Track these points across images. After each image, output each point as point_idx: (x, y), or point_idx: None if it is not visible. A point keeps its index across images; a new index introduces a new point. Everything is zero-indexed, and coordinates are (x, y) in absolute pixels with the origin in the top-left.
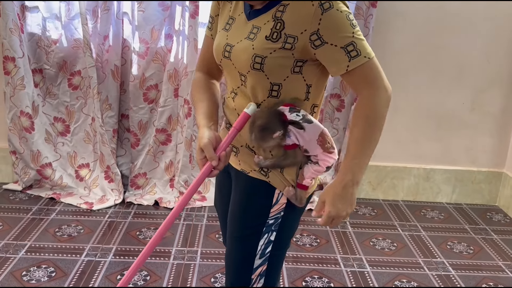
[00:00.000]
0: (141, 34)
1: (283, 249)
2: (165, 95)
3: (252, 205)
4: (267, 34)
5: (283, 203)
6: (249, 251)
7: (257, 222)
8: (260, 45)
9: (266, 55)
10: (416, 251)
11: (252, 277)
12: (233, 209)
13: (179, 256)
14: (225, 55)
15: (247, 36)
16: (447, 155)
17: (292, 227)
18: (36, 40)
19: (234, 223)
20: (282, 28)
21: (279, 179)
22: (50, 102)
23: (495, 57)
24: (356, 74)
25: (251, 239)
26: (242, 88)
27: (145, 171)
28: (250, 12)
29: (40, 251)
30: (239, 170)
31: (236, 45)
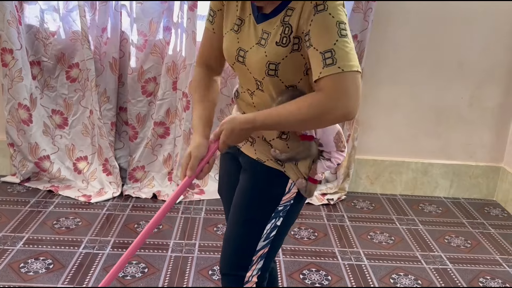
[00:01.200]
0: (140, 27)
1: (283, 235)
2: (163, 88)
3: (266, 192)
4: (277, 40)
5: (294, 192)
6: (255, 233)
7: (268, 207)
8: (272, 51)
9: (279, 61)
10: (414, 245)
11: (253, 258)
12: (243, 193)
13: (177, 249)
14: (238, 60)
15: (258, 41)
16: (445, 150)
17: (296, 216)
18: (34, 32)
19: (243, 206)
20: (290, 32)
21: (294, 171)
22: (48, 94)
23: (494, 52)
24: (326, 83)
25: (258, 222)
26: (258, 91)
27: (143, 164)
28: (258, 15)
29: (38, 243)
30: (255, 159)
31: (249, 51)
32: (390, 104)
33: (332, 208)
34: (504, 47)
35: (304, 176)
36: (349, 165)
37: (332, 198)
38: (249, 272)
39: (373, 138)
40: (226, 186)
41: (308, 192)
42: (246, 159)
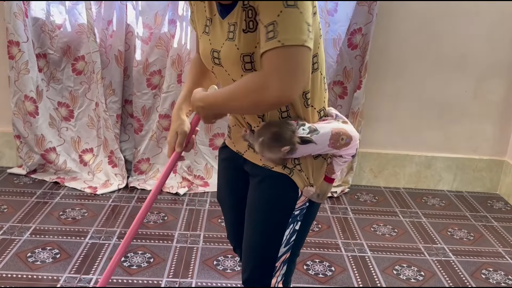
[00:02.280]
0: (145, 20)
1: (304, 236)
2: (168, 81)
3: (279, 198)
4: (244, 27)
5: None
6: (275, 241)
7: (284, 214)
8: (242, 41)
9: (253, 51)
10: (417, 237)
11: (276, 265)
12: (257, 203)
13: (182, 240)
14: (215, 62)
15: (227, 37)
16: (448, 143)
17: (314, 216)
18: (40, 24)
19: (258, 215)
20: (254, 14)
21: (301, 178)
22: (54, 87)
23: (499, 45)
24: (265, 60)
25: (277, 230)
26: None
27: (148, 157)
28: (221, 10)
29: (45, 234)
30: (261, 166)
31: (221, 50)
32: (394, 97)
33: (335, 201)
34: (509, 40)
35: (311, 183)
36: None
37: (336, 191)
38: (274, 279)
39: (376, 131)
40: (228, 196)
41: (321, 195)
42: (252, 166)
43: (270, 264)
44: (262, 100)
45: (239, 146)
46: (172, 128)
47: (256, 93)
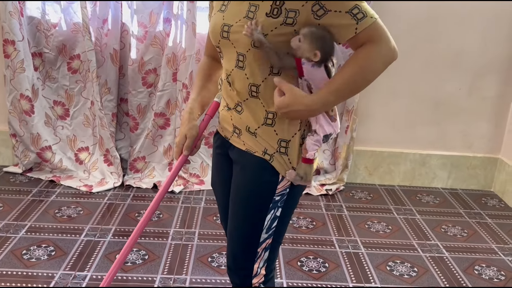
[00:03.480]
0: (140, 18)
1: (286, 223)
2: (163, 79)
3: (259, 183)
4: (267, 11)
5: (288, 180)
6: (256, 226)
7: (264, 199)
8: (261, 23)
9: (267, 33)
10: (411, 234)
11: (258, 250)
12: (238, 188)
13: (177, 237)
14: (223, 35)
15: (245, 15)
16: (443, 141)
17: (296, 203)
18: (35, 23)
19: (240, 200)
20: (282, 3)
21: (280, 163)
22: (50, 85)
23: (493, 43)
24: (363, 35)
25: (258, 215)
26: (236, 70)
27: (144, 155)
28: None
29: (40, 231)
30: (244, 150)
31: (234, 25)
32: (388, 94)
33: (330, 198)
34: (502, 37)
35: (293, 166)
36: (347, 156)
37: (331, 188)
38: (255, 264)
39: (371, 129)
40: (218, 182)
41: (304, 178)
42: (235, 152)
43: (252, 249)
44: (384, 64)
45: (226, 132)
46: (182, 131)
47: (382, 60)
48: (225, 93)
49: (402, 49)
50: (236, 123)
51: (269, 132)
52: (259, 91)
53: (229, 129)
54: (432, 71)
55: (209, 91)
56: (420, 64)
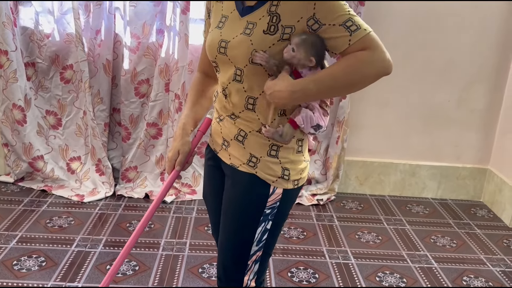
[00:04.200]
0: (133, 29)
1: (276, 236)
2: (156, 90)
3: (250, 196)
4: (265, 29)
5: (279, 193)
6: (247, 239)
7: (255, 212)
8: (258, 39)
9: (265, 49)
10: (400, 244)
11: (248, 263)
12: (229, 201)
13: (168, 247)
14: (220, 51)
15: (242, 31)
16: (433, 151)
17: (286, 215)
18: (29, 34)
19: (231, 214)
20: (278, 20)
21: (267, 169)
22: (42, 95)
23: (482, 54)
24: (356, 46)
25: (249, 228)
26: (234, 83)
27: (136, 165)
28: (243, 8)
29: (31, 242)
30: (229, 164)
31: (232, 41)
32: (378, 105)
33: (321, 208)
34: (491, 49)
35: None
36: (338, 166)
37: (322, 198)
38: (246, 276)
39: (362, 140)
40: (210, 193)
41: (283, 136)
42: (225, 165)
43: (242, 261)
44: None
45: (216, 145)
46: (175, 146)
47: (372, 66)
48: (219, 104)
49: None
50: (227, 132)
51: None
52: (255, 104)
53: (218, 142)
54: (421, 82)
55: (202, 107)
56: (410, 76)
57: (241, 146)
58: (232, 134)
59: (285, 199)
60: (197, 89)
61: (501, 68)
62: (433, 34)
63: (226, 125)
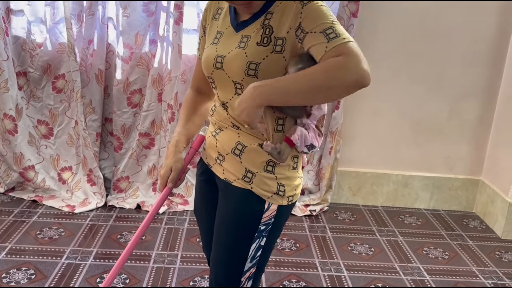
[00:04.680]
0: (126, 39)
1: (270, 252)
2: (148, 100)
3: (244, 212)
4: (258, 41)
5: (274, 210)
6: (241, 256)
7: (249, 229)
8: (252, 51)
9: (260, 61)
10: (393, 256)
11: (242, 279)
12: (223, 217)
13: (159, 260)
14: (216, 66)
15: (237, 45)
16: (425, 162)
17: (280, 231)
18: (20, 43)
19: (225, 230)
20: (271, 32)
21: (262, 185)
22: (34, 105)
23: (473, 66)
24: (332, 53)
25: (242, 245)
26: (237, 97)
27: (128, 175)
28: (237, 24)
29: (21, 254)
30: (223, 179)
31: (227, 55)
32: (372, 116)
33: (314, 219)
34: (482, 61)
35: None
36: (331, 177)
37: (315, 209)
38: None
39: (355, 150)
40: (202, 208)
41: (281, 154)
42: (219, 180)
43: (235, 279)
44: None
45: (210, 159)
46: (167, 164)
47: (341, 75)
48: (218, 117)
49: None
50: (223, 146)
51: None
52: None
53: (213, 156)
54: (413, 93)
55: (194, 124)
56: (402, 87)
57: (238, 160)
58: (229, 148)
59: (280, 215)
60: (190, 107)
61: (493, 79)
62: (424, 46)
63: (222, 138)
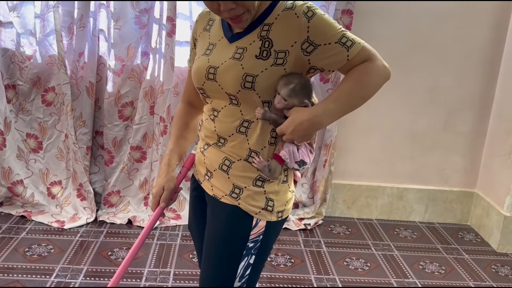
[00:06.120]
0: (117, 52)
1: (260, 271)
2: (140, 113)
3: (232, 229)
4: (257, 54)
5: (262, 226)
6: (229, 274)
7: (237, 247)
8: (249, 64)
9: (258, 74)
10: (389, 271)
11: None
12: (211, 235)
13: (151, 277)
14: (209, 77)
15: (231, 56)
16: (420, 175)
17: (269, 249)
18: (10, 55)
19: (213, 247)
20: (271, 46)
21: (250, 200)
22: (23, 118)
23: (467, 79)
24: (355, 60)
25: (231, 263)
26: (230, 107)
27: (119, 189)
28: (232, 35)
29: (9, 272)
30: (211, 196)
31: (221, 66)
32: (366, 129)
33: (309, 233)
34: (476, 74)
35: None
36: (326, 190)
37: (309, 223)
38: None
39: (349, 163)
40: (194, 223)
41: (272, 172)
42: (208, 197)
43: None
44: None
45: (200, 175)
46: (159, 182)
47: (378, 75)
48: (205, 132)
49: None
50: (210, 162)
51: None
52: (249, 127)
53: (202, 172)
54: (408, 106)
55: (186, 140)
56: (396, 100)
57: (225, 176)
58: (216, 164)
59: (269, 232)
60: (181, 122)
61: (487, 92)
62: (418, 60)
63: (210, 154)
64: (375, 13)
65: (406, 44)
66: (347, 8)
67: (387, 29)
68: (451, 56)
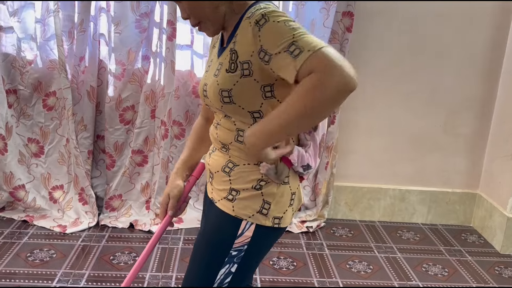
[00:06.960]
0: (118, 56)
1: (241, 281)
2: (141, 116)
3: (217, 235)
4: (227, 68)
5: (248, 236)
6: (208, 278)
7: (220, 252)
8: (222, 79)
9: (231, 88)
10: (392, 274)
11: None
12: (199, 235)
13: (153, 282)
14: (204, 95)
15: (214, 73)
16: (421, 176)
17: (255, 262)
18: (10, 60)
19: (198, 248)
20: (236, 57)
21: (245, 202)
22: (24, 122)
23: (468, 80)
24: (304, 71)
25: (211, 267)
26: (225, 120)
27: (121, 193)
28: (219, 50)
29: (11, 277)
30: (210, 198)
31: (208, 84)
32: (367, 130)
33: (311, 236)
34: (477, 75)
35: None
36: (328, 192)
37: (312, 225)
38: None
39: (351, 165)
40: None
41: (279, 174)
42: (207, 199)
43: None
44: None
45: (207, 177)
46: (165, 191)
47: (324, 88)
48: (211, 137)
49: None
50: (214, 165)
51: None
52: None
53: (207, 175)
54: (410, 107)
55: (199, 152)
56: (397, 101)
57: (227, 178)
58: (219, 166)
59: (259, 238)
60: (197, 136)
61: (488, 93)
62: (420, 61)
63: (216, 157)
64: (375, 15)
65: (407, 45)
66: (347, 10)
67: (388, 30)
68: (452, 57)
